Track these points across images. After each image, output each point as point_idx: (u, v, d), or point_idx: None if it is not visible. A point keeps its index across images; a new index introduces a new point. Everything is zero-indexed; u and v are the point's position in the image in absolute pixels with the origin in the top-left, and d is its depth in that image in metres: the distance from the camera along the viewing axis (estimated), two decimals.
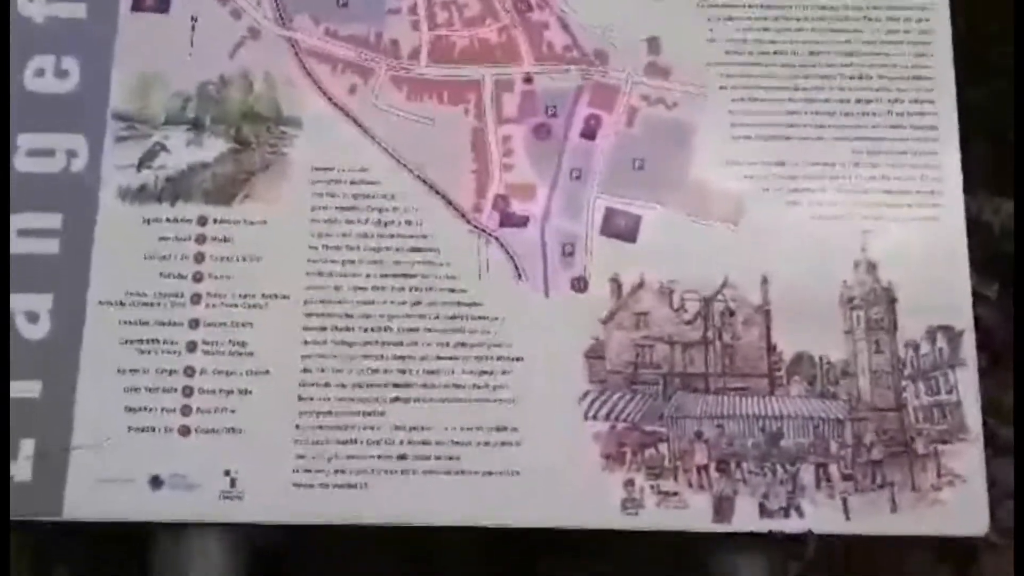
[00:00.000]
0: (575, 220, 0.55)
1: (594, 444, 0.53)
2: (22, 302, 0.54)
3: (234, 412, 0.53)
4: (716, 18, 0.58)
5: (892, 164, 0.56)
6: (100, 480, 0.52)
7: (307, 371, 0.53)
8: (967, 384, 0.53)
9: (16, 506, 0.51)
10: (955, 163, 0.56)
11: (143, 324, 0.54)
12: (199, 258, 0.55)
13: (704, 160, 0.56)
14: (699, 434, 0.53)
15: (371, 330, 0.54)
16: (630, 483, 0.52)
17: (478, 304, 0.54)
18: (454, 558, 0.55)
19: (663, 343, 0.54)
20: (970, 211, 0.55)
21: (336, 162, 0.56)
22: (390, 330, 0.54)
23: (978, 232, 0.56)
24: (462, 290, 0.54)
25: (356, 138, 0.56)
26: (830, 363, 0.54)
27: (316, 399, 0.53)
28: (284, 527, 0.52)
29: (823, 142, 0.56)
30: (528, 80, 0.57)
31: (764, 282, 0.54)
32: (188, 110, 0.56)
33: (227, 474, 0.52)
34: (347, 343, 0.54)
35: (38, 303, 0.54)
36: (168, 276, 0.54)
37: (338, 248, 0.55)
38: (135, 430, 0.53)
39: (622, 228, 0.55)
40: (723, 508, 0.52)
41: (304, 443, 0.53)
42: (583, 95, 0.57)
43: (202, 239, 0.55)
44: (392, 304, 0.54)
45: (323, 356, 0.53)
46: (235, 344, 0.54)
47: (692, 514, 0.52)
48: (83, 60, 0.57)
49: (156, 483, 0.52)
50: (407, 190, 0.55)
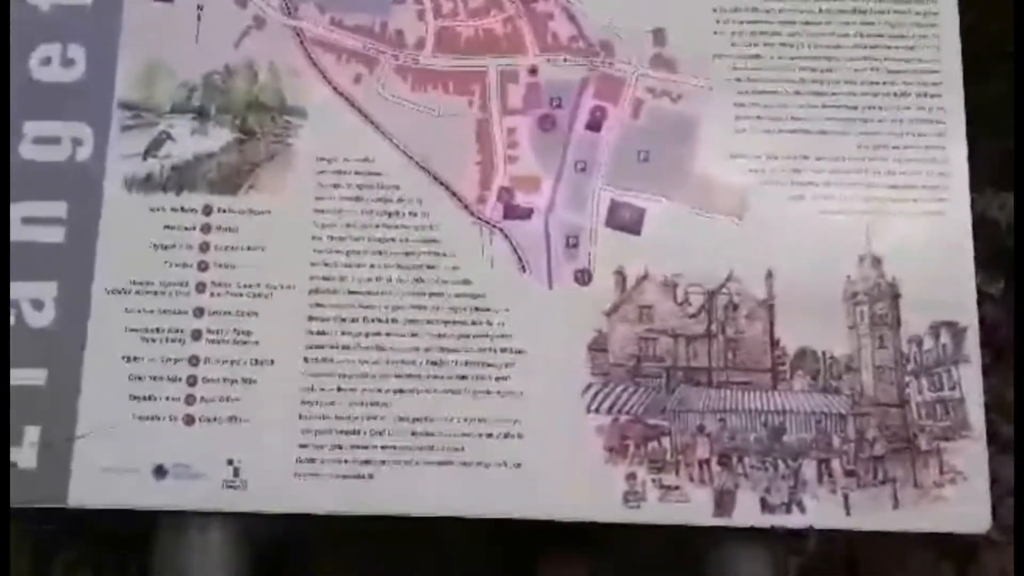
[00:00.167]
0: (579, 212, 0.55)
1: (597, 437, 0.53)
2: (27, 290, 0.54)
3: (238, 401, 0.53)
4: (722, 9, 0.57)
5: (898, 159, 0.56)
6: (104, 468, 0.52)
7: (311, 361, 0.53)
8: (970, 381, 0.53)
9: (21, 494, 0.51)
10: (962, 158, 0.56)
11: (148, 313, 0.54)
12: (204, 247, 0.55)
13: (709, 153, 0.56)
14: (701, 428, 0.53)
15: (375, 321, 0.54)
16: (632, 476, 0.52)
17: (482, 296, 0.54)
18: (456, 549, 0.55)
19: (666, 336, 0.54)
20: (976, 207, 0.55)
21: (341, 152, 0.56)
22: (394, 321, 0.54)
23: (984, 228, 0.56)
24: (466, 281, 0.54)
25: (361, 128, 0.56)
26: (833, 358, 0.54)
27: (320, 389, 0.53)
28: (287, 516, 0.52)
29: (829, 136, 0.56)
30: (533, 71, 0.57)
31: (768, 276, 0.54)
32: (194, 99, 0.56)
33: (231, 463, 0.52)
34: (351, 333, 0.54)
35: (43, 291, 0.54)
36: (173, 265, 0.54)
37: (342, 238, 0.55)
38: (139, 418, 0.53)
39: (627, 221, 0.55)
40: (724, 502, 0.52)
41: (308, 433, 0.53)
42: (588, 87, 0.57)
43: (207, 228, 0.55)
44: (396, 295, 0.54)
45: (327, 346, 0.54)
46: (240, 333, 0.54)
47: (693, 508, 0.52)
48: (89, 48, 0.57)
49: (160, 472, 0.52)
50: (412, 181, 0.55)
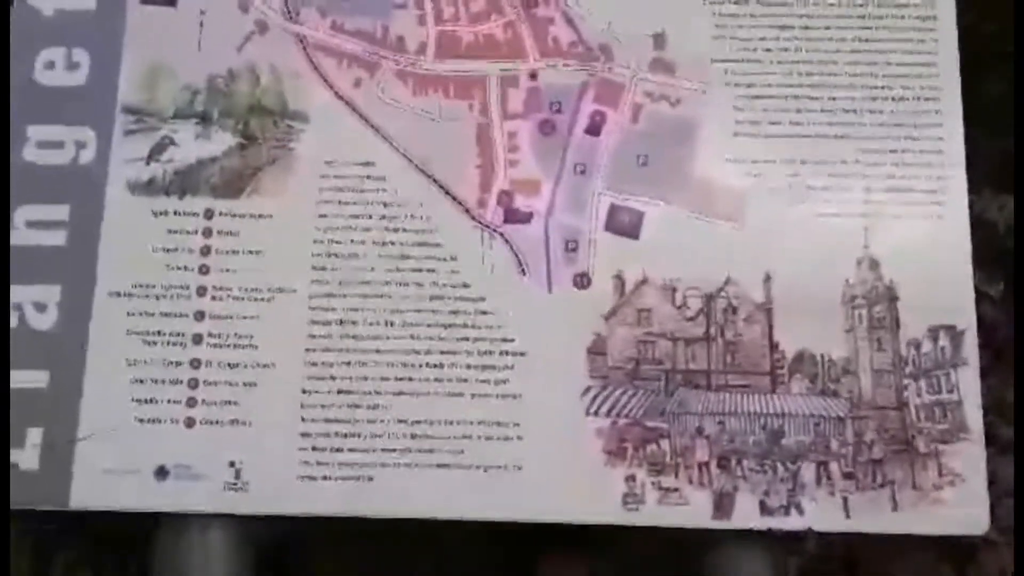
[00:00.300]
0: (579, 216, 0.55)
1: (596, 439, 0.53)
2: (30, 293, 0.54)
3: (239, 404, 0.53)
4: (721, 14, 0.58)
5: (896, 162, 0.56)
6: (106, 470, 0.52)
7: (312, 364, 0.54)
8: (968, 383, 0.53)
9: (23, 495, 0.52)
10: (960, 161, 0.56)
11: (150, 316, 0.54)
12: (206, 251, 0.55)
13: (708, 157, 0.56)
14: (700, 430, 0.53)
15: (375, 324, 0.54)
16: (631, 478, 0.53)
17: (481, 299, 0.54)
18: (456, 551, 0.55)
19: (665, 340, 0.54)
20: (974, 210, 0.55)
21: (342, 156, 0.56)
22: (394, 324, 0.54)
23: (983, 231, 0.56)
24: (466, 285, 0.55)
25: (362, 132, 0.56)
26: (832, 361, 0.54)
27: (321, 392, 0.53)
28: (288, 519, 0.53)
29: (827, 140, 0.56)
30: (533, 76, 0.57)
31: (767, 279, 0.54)
32: (196, 103, 0.57)
33: (232, 465, 0.53)
34: (351, 336, 0.54)
35: (46, 294, 0.54)
36: (175, 269, 0.55)
37: (343, 242, 0.55)
38: (141, 421, 0.53)
39: (625, 224, 0.55)
40: (723, 505, 0.52)
41: (309, 436, 0.53)
42: (588, 91, 0.57)
43: (209, 232, 0.55)
44: (396, 299, 0.54)
45: (328, 350, 0.54)
46: (241, 337, 0.54)
47: (692, 510, 0.52)
48: (93, 53, 0.57)
49: (162, 473, 0.53)
50: (412, 185, 0.56)
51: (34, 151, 0.56)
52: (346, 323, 0.54)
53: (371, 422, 0.53)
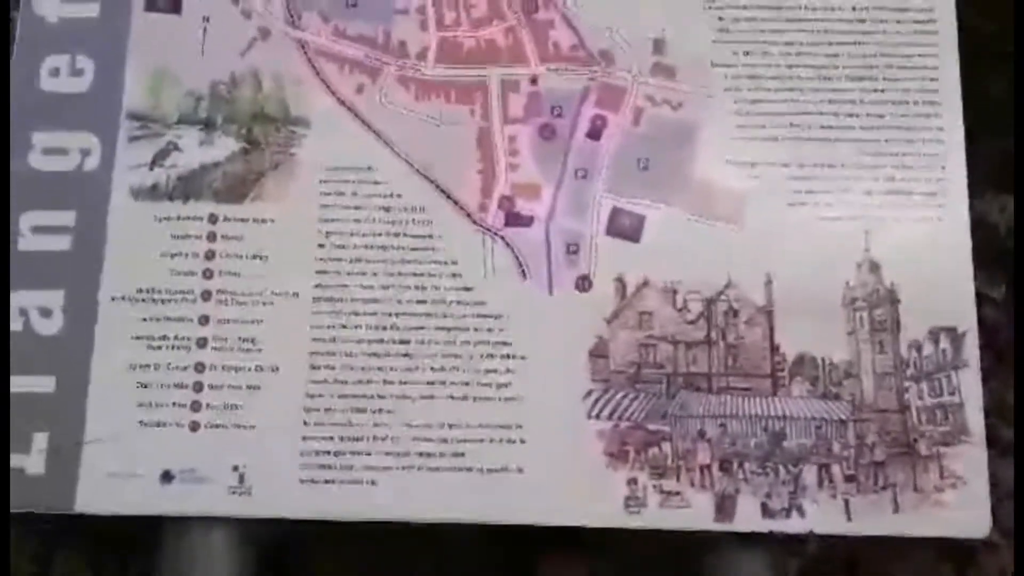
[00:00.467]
0: (580, 220, 0.56)
1: (598, 442, 0.53)
2: (35, 298, 0.55)
3: (243, 408, 0.54)
4: (722, 18, 0.58)
5: (896, 165, 0.56)
6: (111, 474, 0.53)
7: (315, 368, 0.54)
8: (969, 386, 0.53)
9: (29, 499, 0.52)
10: (960, 164, 0.56)
11: (154, 320, 0.55)
12: (209, 256, 0.55)
13: (708, 160, 0.56)
14: (702, 433, 0.53)
15: (378, 328, 0.54)
16: (633, 481, 0.53)
17: (483, 303, 0.55)
18: (458, 554, 0.56)
19: (666, 343, 0.54)
20: (975, 212, 0.55)
21: (344, 161, 0.56)
22: (396, 328, 0.54)
23: (984, 233, 0.56)
24: (467, 288, 0.55)
25: (364, 138, 0.56)
26: (833, 364, 0.54)
27: (323, 396, 0.54)
28: (292, 522, 0.53)
29: (828, 143, 0.56)
30: (534, 81, 0.57)
31: (767, 282, 0.55)
32: (200, 109, 0.57)
33: (236, 469, 0.53)
34: (354, 340, 0.54)
35: (51, 299, 0.55)
36: (179, 273, 0.55)
37: (345, 247, 0.55)
38: (146, 425, 0.53)
39: (627, 228, 0.56)
40: (725, 507, 0.53)
41: (311, 439, 0.53)
42: (589, 96, 0.57)
43: (213, 237, 0.55)
44: (399, 302, 0.55)
45: (330, 353, 0.54)
46: (244, 341, 0.54)
47: (694, 513, 0.53)
48: (97, 60, 0.58)
49: (167, 477, 0.53)
50: (414, 189, 0.56)
51: (39, 157, 0.56)
52: (348, 327, 0.54)
53: (373, 426, 0.53)
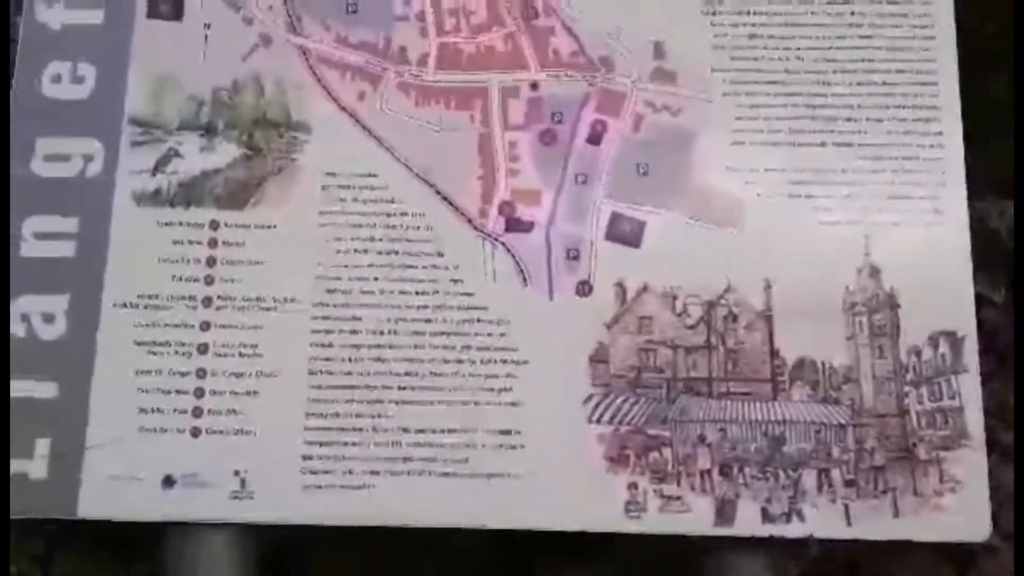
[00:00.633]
0: (580, 225, 0.56)
1: (598, 447, 0.53)
2: (38, 303, 0.55)
3: (244, 414, 0.54)
4: (721, 24, 0.58)
5: (895, 169, 0.56)
6: (113, 480, 0.53)
7: (315, 373, 0.54)
8: (969, 390, 0.53)
9: (31, 504, 0.52)
10: (959, 168, 0.56)
11: (156, 326, 0.55)
12: (211, 262, 0.55)
13: (708, 165, 0.56)
14: (702, 438, 0.53)
15: (378, 333, 0.55)
16: (633, 486, 0.53)
17: (484, 308, 0.55)
18: (459, 559, 0.56)
19: (666, 347, 0.55)
20: (975, 216, 0.55)
21: (345, 167, 0.56)
22: (397, 333, 0.55)
23: (984, 237, 0.56)
24: (468, 294, 0.55)
25: (364, 144, 0.57)
26: (832, 368, 0.54)
27: (324, 401, 0.54)
28: (292, 526, 0.53)
29: (827, 148, 0.56)
30: (534, 87, 0.57)
31: (767, 287, 0.55)
32: (202, 115, 0.57)
33: (237, 474, 0.53)
34: (355, 346, 0.54)
35: (54, 304, 0.55)
36: (180, 279, 0.55)
37: (346, 252, 0.55)
38: (148, 430, 0.54)
39: (627, 233, 0.56)
40: (725, 512, 0.53)
41: (312, 444, 0.53)
42: (589, 101, 0.57)
43: (214, 243, 0.56)
44: (399, 308, 0.55)
45: (331, 359, 0.54)
46: (245, 347, 0.54)
47: (694, 518, 0.53)
48: (99, 66, 0.58)
49: (168, 482, 0.53)
50: (415, 195, 0.56)
51: (42, 164, 0.57)
52: (349, 332, 0.55)
53: (374, 431, 0.54)
